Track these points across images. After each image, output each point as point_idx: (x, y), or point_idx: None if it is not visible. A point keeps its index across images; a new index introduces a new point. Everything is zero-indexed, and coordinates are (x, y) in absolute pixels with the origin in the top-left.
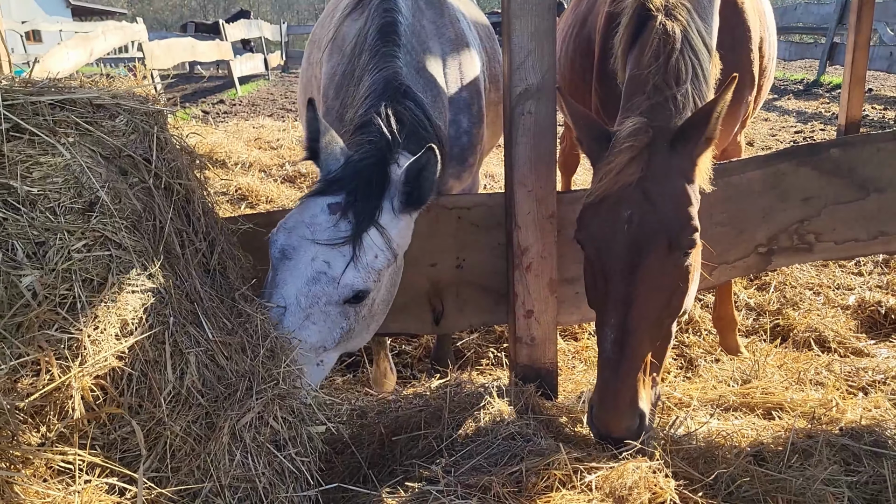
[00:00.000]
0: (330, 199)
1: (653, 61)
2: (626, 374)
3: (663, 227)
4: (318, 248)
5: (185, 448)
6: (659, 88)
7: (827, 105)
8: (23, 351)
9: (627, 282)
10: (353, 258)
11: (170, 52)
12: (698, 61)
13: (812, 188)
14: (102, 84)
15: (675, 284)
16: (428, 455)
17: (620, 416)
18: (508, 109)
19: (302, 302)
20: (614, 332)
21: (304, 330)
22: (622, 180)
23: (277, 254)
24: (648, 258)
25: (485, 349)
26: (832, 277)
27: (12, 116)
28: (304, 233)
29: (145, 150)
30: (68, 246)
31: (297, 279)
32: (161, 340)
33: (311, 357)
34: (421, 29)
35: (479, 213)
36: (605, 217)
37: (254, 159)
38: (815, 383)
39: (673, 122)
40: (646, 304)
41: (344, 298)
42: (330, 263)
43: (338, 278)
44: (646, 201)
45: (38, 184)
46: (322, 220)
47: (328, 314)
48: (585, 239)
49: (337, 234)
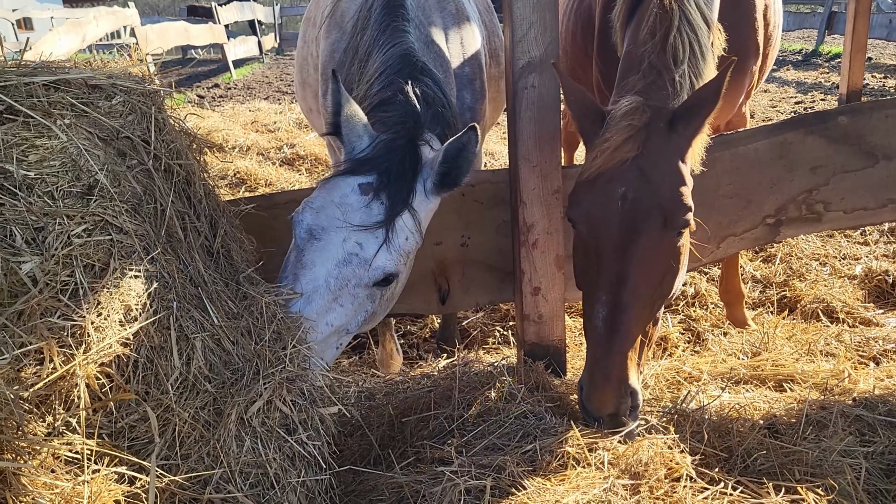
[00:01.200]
0: (361, 179)
1: (649, 38)
2: (618, 351)
3: (658, 205)
4: (350, 229)
5: (194, 435)
6: (655, 67)
7: (826, 75)
8: (25, 340)
9: (620, 259)
10: (386, 241)
11: (163, 37)
12: (696, 38)
13: (820, 157)
14: (97, 66)
15: (668, 264)
16: (439, 435)
17: (612, 394)
18: (511, 84)
19: (331, 284)
20: (606, 309)
21: (331, 312)
22: (617, 157)
23: (304, 234)
24: (642, 236)
25: (490, 328)
26: (838, 248)
27: (6, 98)
28: (334, 213)
29: (143, 131)
30: (68, 231)
31: (328, 261)
32: (166, 326)
33: (333, 340)
34: (424, 2)
35: (483, 190)
36: (599, 194)
37: (251, 143)
38: (826, 354)
39: (670, 102)
40: (638, 283)
41: (374, 281)
42: (362, 245)
43: (370, 260)
44: (641, 179)
45: (34, 167)
46: (353, 200)
47: (356, 296)
48: (578, 216)
49: (370, 215)
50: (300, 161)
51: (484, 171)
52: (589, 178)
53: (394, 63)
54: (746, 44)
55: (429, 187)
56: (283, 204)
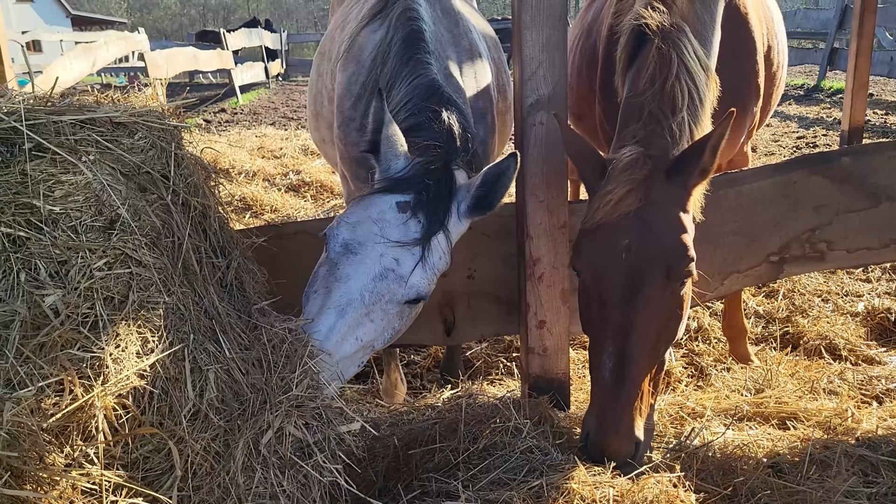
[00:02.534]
0: (399, 197)
1: (648, 86)
2: (626, 401)
3: (662, 256)
4: (387, 245)
5: (206, 466)
6: (655, 116)
7: (828, 110)
8: (46, 371)
9: (625, 310)
10: (423, 258)
11: (172, 62)
12: (695, 86)
13: (824, 197)
14: (118, 99)
15: (673, 313)
16: (445, 468)
17: (619, 443)
18: (520, 120)
19: (366, 298)
20: (612, 360)
21: (362, 327)
22: (620, 210)
23: (340, 248)
24: (647, 287)
25: (494, 359)
26: (840, 284)
27: (35, 136)
28: (371, 229)
29: (163, 166)
30: (90, 264)
31: (364, 275)
32: (181, 357)
33: (359, 356)
34: (441, 37)
35: (490, 223)
36: (602, 245)
37: (257, 168)
38: (829, 392)
39: (670, 151)
40: (644, 333)
41: (407, 298)
42: (399, 261)
43: (406, 277)
44: (644, 230)
45: (59, 202)
46: (391, 217)
47: (387, 312)
48: (582, 266)
49: (408, 232)
50: (306, 188)
51: None
52: (591, 228)
53: (420, 92)
54: (747, 86)
55: (462, 210)
56: (292, 234)
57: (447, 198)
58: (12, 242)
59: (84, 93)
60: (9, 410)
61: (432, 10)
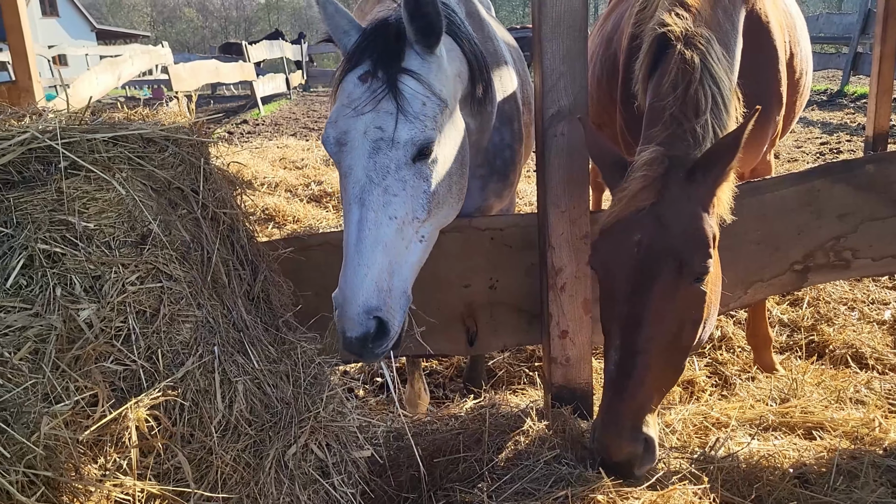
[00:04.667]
0: (358, 70)
1: (671, 91)
2: (631, 396)
3: (673, 251)
4: (365, 118)
5: (235, 477)
6: (677, 119)
7: (852, 115)
8: (81, 384)
9: (634, 304)
10: (399, 109)
11: (195, 75)
12: (718, 90)
13: (848, 205)
14: (147, 115)
15: (686, 311)
16: (469, 478)
17: (622, 439)
18: (541, 131)
19: (374, 177)
20: (619, 353)
21: (390, 206)
22: (634, 205)
23: (335, 147)
24: (656, 282)
25: (516, 368)
26: (866, 292)
27: (70, 154)
28: (348, 113)
29: (192, 181)
30: (123, 279)
31: (360, 157)
32: (210, 370)
33: (411, 233)
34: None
35: (511, 233)
36: (615, 241)
37: (279, 179)
38: (856, 402)
39: (692, 152)
40: (652, 327)
41: (411, 156)
42: (382, 127)
43: (393, 137)
44: (657, 226)
45: (94, 219)
46: (357, 92)
47: (405, 180)
48: (597, 263)
49: (375, 96)
50: (328, 198)
51: (513, 215)
52: (607, 226)
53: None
54: (769, 95)
55: (419, 49)
56: (315, 246)
57: (395, 43)
58: (48, 258)
59: (111, 107)
60: (46, 424)
61: (460, 13)
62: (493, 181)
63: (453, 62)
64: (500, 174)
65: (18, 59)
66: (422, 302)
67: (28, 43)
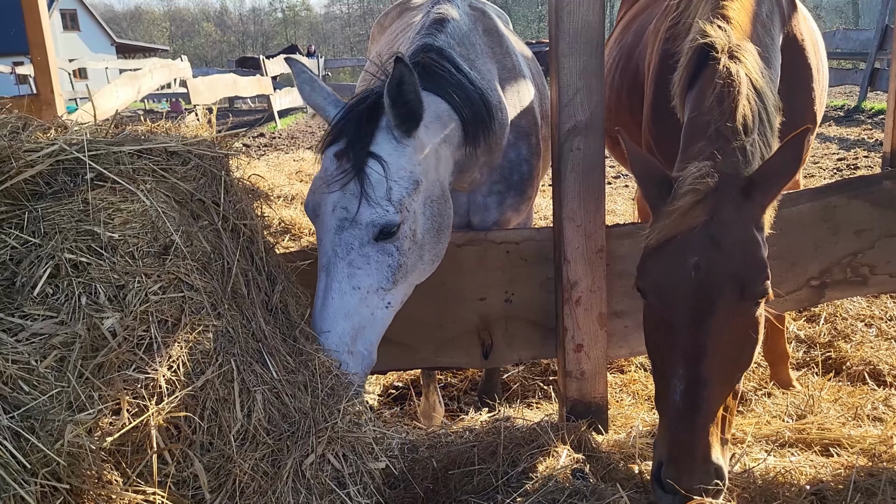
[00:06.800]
0: (335, 147)
1: (716, 105)
2: (701, 428)
3: (734, 274)
4: (333, 196)
5: (253, 486)
6: (723, 134)
7: (869, 131)
8: (104, 392)
9: (697, 332)
10: (363, 195)
11: (213, 88)
12: (764, 106)
13: (865, 221)
14: (170, 128)
15: (747, 335)
16: (484, 491)
17: (695, 473)
18: (557, 145)
19: (339, 252)
20: (684, 383)
21: (354, 278)
22: (686, 223)
23: (312, 215)
24: (719, 308)
25: (531, 382)
26: (884, 309)
27: (96, 166)
28: (321, 187)
29: (214, 193)
30: (146, 288)
31: (328, 232)
32: (230, 379)
33: (376, 301)
34: (479, 50)
35: (527, 247)
36: (668, 263)
37: (296, 192)
38: (873, 419)
39: (741, 169)
40: (718, 357)
41: (372, 236)
42: (347, 208)
43: (354, 218)
44: (714, 247)
45: (118, 229)
46: (332, 168)
47: (368, 256)
48: (647, 286)
49: (344, 177)
50: None
51: (528, 229)
52: (657, 245)
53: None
54: (806, 114)
55: (397, 134)
56: None
57: (370, 128)
58: (74, 267)
59: (133, 120)
60: (70, 432)
61: (473, 27)
62: (510, 196)
63: (436, 131)
64: (517, 189)
65: (41, 73)
66: (437, 315)
67: (51, 58)
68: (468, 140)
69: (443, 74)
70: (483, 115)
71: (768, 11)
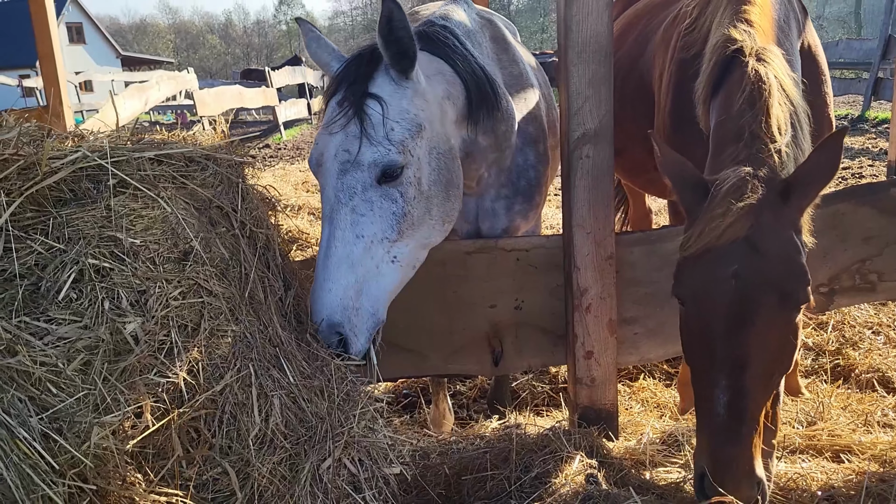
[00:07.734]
0: (337, 96)
1: (747, 108)
2: (744, 439)
3: (774, 282)
4: (335, 139)
5: (272, 489)
6: (758, 136)
7: (874, 140)
8: (127, 396)
9: (737, 341)
10: (363, 133)
11: (219, 100)
12: (794, 109)
13: (873, 228)
14: (186, 137)
15: (788, 341)
16: (497, 496)
17: (742, 487)
18: (566, 153)
19: (342, 198)
20: (727, 394)
21: (358, 225)
22: (729, 235)
23: (315, 167)
24: (760, 316)
25: (540, 390)
26: (892, 316)
27: (119, 173)
28: (325, 136)
29: (231, 200)
30: (166, 294)
31: (331, 177)
32: (248, 383)
33: (381, 253)
34: (479, 46)
35: (537, 254)
36: (707, 271)
37: (302, 202)
38: (883, 425)
39: (777, 173)
40: (759, 365)
41: (375, 178)
42: (349, 150)
43: (357, 158)
44: (754, 255)
45: (140, 235)
46: (335, 116)
47: (371, 201)
48: (685, 295)
49: (345, 121)
50: None
51: (538, 237)
52: (695, 253)
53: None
54: (824, 120)
55: (394, 74)
56: None
57: (366, 71)
58: (97, 272)
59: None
60: (96, 434)
61: (480, 31)
62: (517, 202)
63: (439, 84)
64: (525, 195)
65: (50, 86)
66: (447, 322)
67: (60, 70)
68: (472, 111)
69: (447, 43)
70: (486, 89)
71: (786, 17)
